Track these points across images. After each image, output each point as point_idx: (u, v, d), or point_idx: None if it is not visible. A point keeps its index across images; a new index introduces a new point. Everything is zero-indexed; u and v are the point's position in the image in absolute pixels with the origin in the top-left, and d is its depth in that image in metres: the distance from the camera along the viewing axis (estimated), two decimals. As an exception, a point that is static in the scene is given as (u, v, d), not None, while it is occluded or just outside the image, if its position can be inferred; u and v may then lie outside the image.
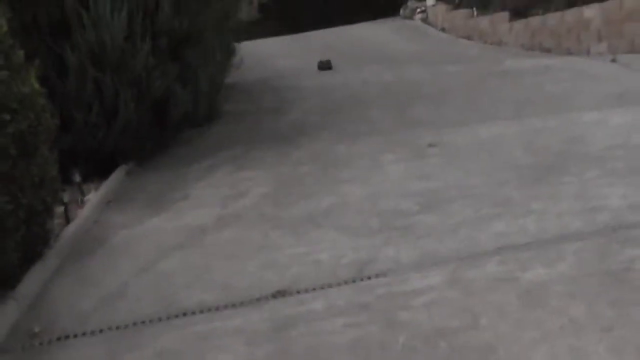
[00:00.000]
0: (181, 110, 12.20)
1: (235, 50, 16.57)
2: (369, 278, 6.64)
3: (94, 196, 9.89)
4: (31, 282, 7.20)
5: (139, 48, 11.08)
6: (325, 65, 18.56)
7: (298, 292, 6.53)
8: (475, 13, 23.88)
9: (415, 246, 7.28)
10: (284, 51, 23.46)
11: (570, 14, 20.33)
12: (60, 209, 8.65)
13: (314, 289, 6.54)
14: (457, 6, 25.07)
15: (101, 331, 6.23)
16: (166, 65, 11.64)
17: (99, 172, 10.78)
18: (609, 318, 5.36)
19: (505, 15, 22.53)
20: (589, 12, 19.94)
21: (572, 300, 5.70)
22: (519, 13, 21.72)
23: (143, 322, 6.30)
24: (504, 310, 5.70)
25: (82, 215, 9.15)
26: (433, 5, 26.80)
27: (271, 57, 22.13)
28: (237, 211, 9.07)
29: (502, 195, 8.47)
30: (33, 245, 7.45)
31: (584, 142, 10.37)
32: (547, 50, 20.13)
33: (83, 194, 9.82)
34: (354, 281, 6.62)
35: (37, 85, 7.59)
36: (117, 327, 6.27)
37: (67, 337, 6.19)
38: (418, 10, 28.19)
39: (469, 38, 23.49)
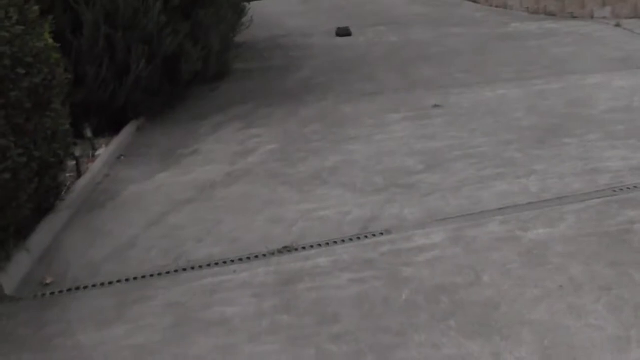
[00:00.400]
0: (192, 68, 12.16)
1: (246, 9, 16.49)
2: (374, 235, 6.66)
3: (105, 151, 9.87)
4: (43, 234, 7.23)
5: (151, 6, 11.05)
6: (343, 32, 18.04)
7: (304, 247, 6.55)
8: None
9: (419, 204, 7.29)
10: (293, 12, 23.35)
11: (579, -22, 20.27)
12: (72, 163, 8.65)
13: (320, 245, 6.56)
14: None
15: (111, 283, 6.26)
16: (177, 24, 11.61)
17: (111, 127, 10.77)
18: (607, 278, 5.39)
19: (510, -22, 22.45)
20: (594, -24, 19.88)
21: (572, 260, 5.72)
22: (524, -23, 21.67)
23: (152, 275, 6.33)
24: (506, 268, 5.72)
25: (94, 169, 9.14)
26: (441, -32, 26.71)
27: (281, 17, 22.04)
28: (246, 167, 9.04)
29: (505, 155, 8.46)
30: (45, 197, 7.49)
31: (586, 105, 10.34)
32: (552, 14, 20.02)
33: (95, 148, 9.81)
34: (358, 238, 6.63)
35: (51, 40, 7.59)
36: (127, 279, 6.30)
37: (77, 288, 6.22)
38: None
39: (475, 1, 23.34)
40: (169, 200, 8.13)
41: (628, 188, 7.08)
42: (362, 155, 9.07)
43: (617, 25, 17.23)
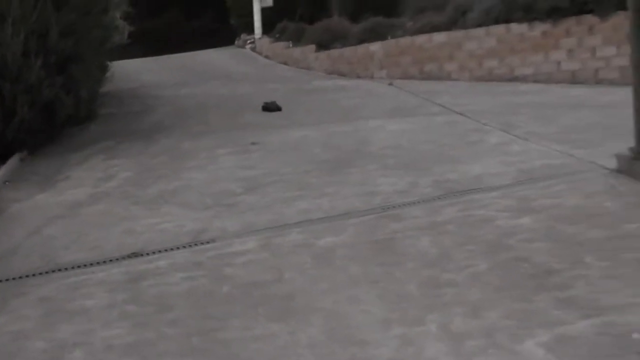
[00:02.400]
0: (66, 112, 12.05)
1: (109, 66, 16.37)
2: (202, 243, 6.62)
3: (-6, 177, 9.68)
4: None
5: (33, 63, 10.94)
6: (272, 107, 14.78)
7: (148, 253, 6.47)
8: (291, 45, 23.97)
9: (238, 219, 7.27)
10: (147, 69, 23.22)
11: (361, 48, 20.60)
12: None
13: (161, 251, 6.48)
14: (277, 39, 25.14)
15: (-4, 282, 6.09)
16: (54, 77, 11.50)
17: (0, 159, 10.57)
18: (376, 274, 5.45)
19: (313, 47, 22.64)
20: (374, 47, 20.26)
21: (351, 261, 5.77)
22: (323, 46, 21.91)
23: (28, 275, 6.15)
24: (302, 268, 5.75)
25: (-16, 192, 8.92)
26: (259, 38, 26.84)
27: (138, 73, 21.89)
28: (106, 190, 8.90)
29: (305, 181, 8.51)
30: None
31: (367, 143, 10.50)
32: (343, 75, 20.36)
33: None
34: (191, 245, 6.58)
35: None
36: (7, 279, 6.13)
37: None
38: (248, 41, 28.19)
39: (286, 64, 23.53)
40: (45, 216, 7.92)
41: (394, 207, 7.17)
42: (197, 181, 9.01)
43: (390, 84, 17.66)
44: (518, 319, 4.44)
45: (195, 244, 6.62)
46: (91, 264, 6.32)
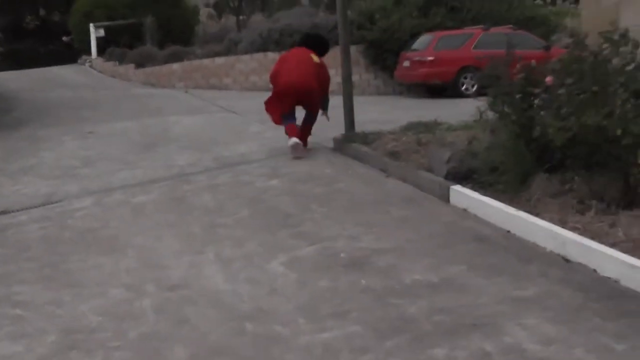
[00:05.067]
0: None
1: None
2: (52, 203, 6.35)
3: None
4: None
5: None
6: None
7: (12, 211, 6.13)
8: (117, 63, 23.01)
9: (78, 185, 7.03)
10: (12, 79, 21.53)
11: (166, 67, 20.04)
12: None
13: (22, 209, 6.17)
14: (108, 60, 24.07)
15: None
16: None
17: None
18: (173, 220, 5.44)
19: (132, 65, 21.80)
20: (175, 66, 19.83)
21: (156, 212, 5.73)
22: (140, 64, 21.19)
23: None
24: (123, 218, 5.66)
25: None
26: (95, 59, 25.58)
27: (5, 81, 20.31)
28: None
29: (125, 158, 8.30)
30: None
31: (169, 131, 10.38)
32: (154, 85, 19.80)
33: None
34: (44, 205, 6.30)
35: None
36: None
37: None
38: (87, 61, 26.80)
39: (114, 77, 22.48)
40: None
41: (186, 174, 7.16)
42: (49, 159, 8.61)
43: (186, 92, 17.46)
44: (267, 247, 4.55)
45: (48, 204, 6.34)
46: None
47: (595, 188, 4.41)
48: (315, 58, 7.74)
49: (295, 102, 7.64)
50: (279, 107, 7.64)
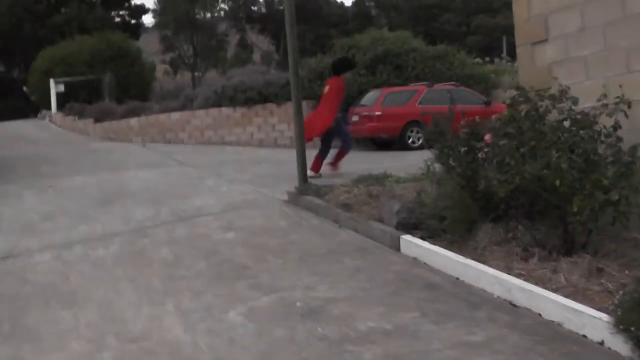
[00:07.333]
0: None
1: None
2: (13, 257, 6.18)
3: None
4: None
5: None
6: None
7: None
8: (76, 118, 22.81)
9: (38, 239, 6.83)
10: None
11: (124, 122, 19.89)
12: None
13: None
14: (67, 114, 23.86)
15: None
16: None
17: None
18: (133, 274, 5.36)
19: (92, 120, 21.61)
20: (132, 121, 19.68)
21: (116, 266, 5.62)
22: (98, 119, 21.02)
23: None
24: (82, 272, 5.53)
25: None
26: (55, 113, 25.36)
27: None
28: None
29: (85, 212, 8.10)
30: None
31: (128, 185, 10.18)
32: (112, 139, 19.61)
33: None
34: (3, 259, 6.12)
35: None
36: None
37: None
38: (47, 115, 26.54)
39: (74, 131, 22.25)
40: None
41: (143, 228, 7.04)
42: (9, 214, 8.29)
43: (144, 146, 17.30)
44: (225, 298, 4.53)
45: (7, 258, 6.17)
46: None
47: (538, 236, 4.53)
48: (326, 88, 8.91)
49: None
50: None
